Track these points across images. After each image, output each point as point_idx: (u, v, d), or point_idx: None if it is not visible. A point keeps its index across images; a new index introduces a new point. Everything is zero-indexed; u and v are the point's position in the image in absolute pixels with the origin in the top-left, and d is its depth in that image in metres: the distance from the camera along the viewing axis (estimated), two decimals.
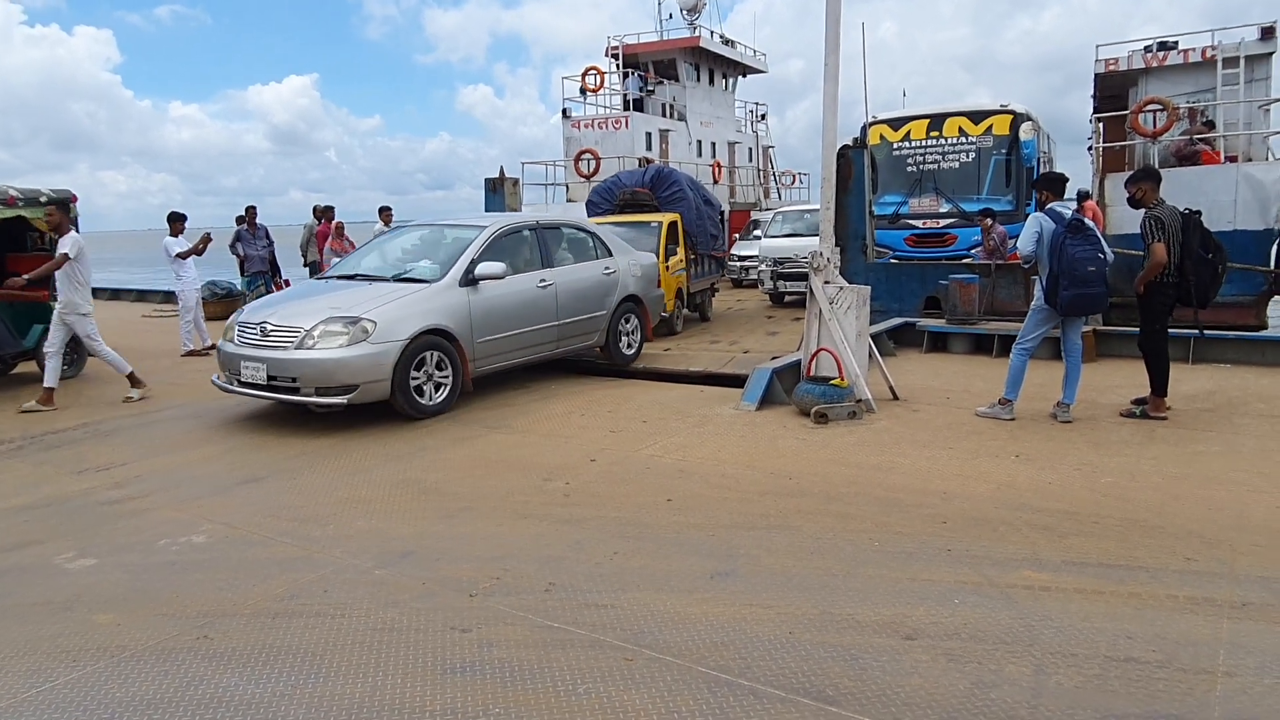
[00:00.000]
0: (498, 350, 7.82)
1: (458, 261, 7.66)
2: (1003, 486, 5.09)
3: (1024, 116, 13.54)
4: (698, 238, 14.30)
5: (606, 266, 9.10)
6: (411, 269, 8.04)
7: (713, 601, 3.65)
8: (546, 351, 8.40)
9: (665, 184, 14.50)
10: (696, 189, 14.92)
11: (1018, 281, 10.57)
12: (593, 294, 8.84)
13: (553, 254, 8.62)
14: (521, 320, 8.00)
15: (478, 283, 7.59)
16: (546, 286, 8.26)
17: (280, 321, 7.05)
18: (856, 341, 7.13)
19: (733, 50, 28.41)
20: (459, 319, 7.40)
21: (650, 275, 9.81)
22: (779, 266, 16.62)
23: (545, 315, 8.23)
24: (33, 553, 4.48)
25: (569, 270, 8.65)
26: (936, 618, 3.46)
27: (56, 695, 3.05)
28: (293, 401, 6.90)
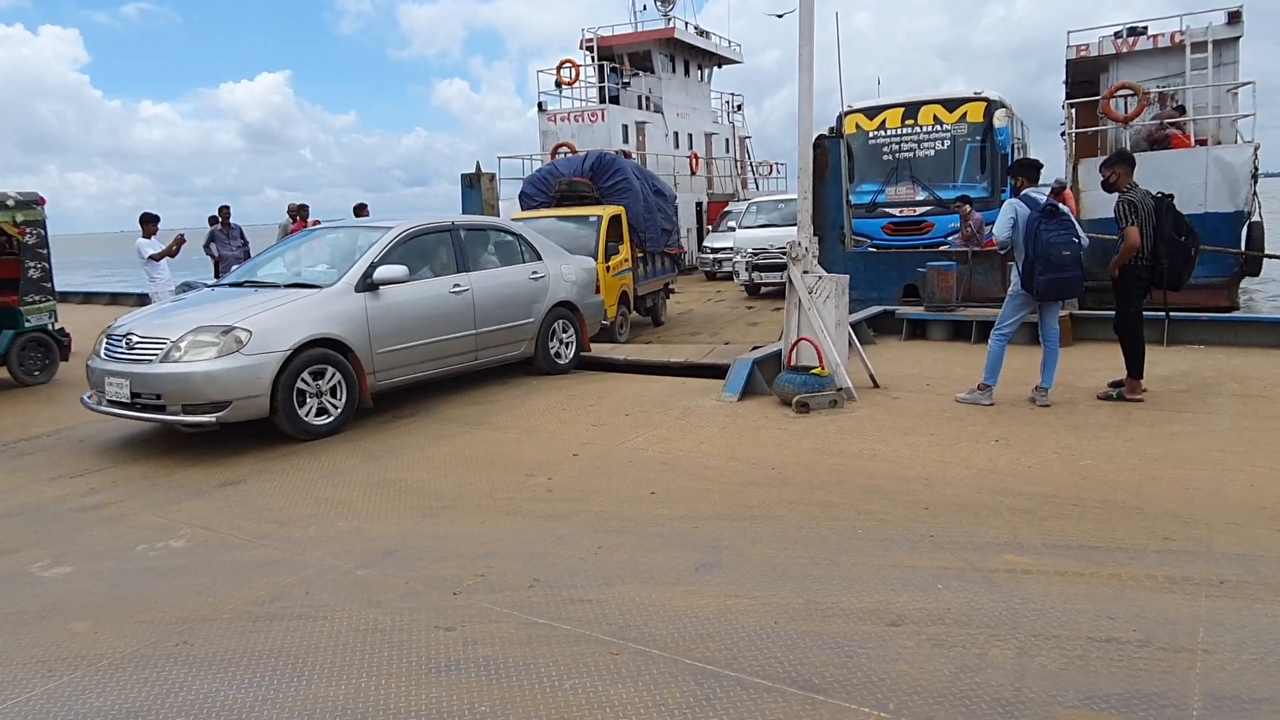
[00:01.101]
0: (403, 362, 7.13)
1: (355, 265, 6.98)
2: (983, 471, 5.12)
3: (998, 104, 13.62)
4: (646, 233, 13.13)
5: (534, 271, 8.42)
6: (305, 274, 7.40)
7: (698, 593, 3.65)
8: (464, 363, 7.76)
9: (608, 172, 13.18)
10: (645, 178, 13.83)
11: (995, 268, 10.65)
12: (517, 301, 8.18)
13: (471, 258, 7.96)
14: (431, 329, 7.32)
15: (378, 288, 6.91)
16: (461, 292, 7.59)
17: (145, 332, 6.37)
18: (836, 330, 7.15)
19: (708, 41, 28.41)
20: (354, 328, 6.71)
21: (586, 280, 9.12)
22: (755, 258, 16.39)
23: (460, 324, 7.58)
24: (6, 561, 4.41)
25: (489, 275, 7.99)
26: (920, 603, 3.48)
27: (32, 706, 3.00)
28: (158, 421, 6.24)
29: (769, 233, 16.53)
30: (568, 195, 13.04)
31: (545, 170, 13.75)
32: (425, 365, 7.38)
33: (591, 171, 13.19)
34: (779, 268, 16.14)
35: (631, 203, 12.85)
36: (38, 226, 9.24)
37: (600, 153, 13.73)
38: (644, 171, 14.19)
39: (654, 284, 13.86)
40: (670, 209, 14.31)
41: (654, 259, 13.65)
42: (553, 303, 8.52)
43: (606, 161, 13.35)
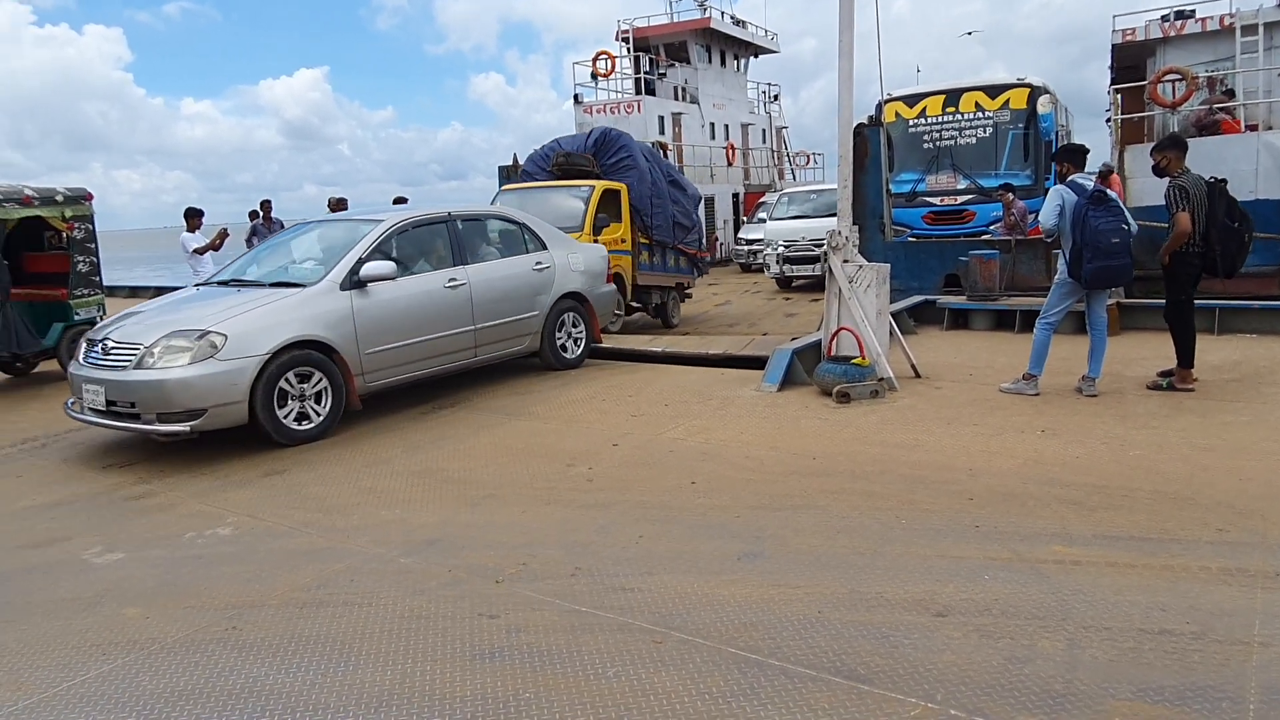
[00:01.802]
0: (394, 362, 6.80)
1: (340, 262, 6.64)
2: (1029, 461, 5.03)
3: (1041, 90, 13.37)
4: (653, 220, 12.29)
5: (538, 261, 8.04)
6: (293, 272, 7.10)
7: (740, 583, 3.63)
8: (462, 360, 7.41)
9: (611, 149, 12.35)
10: (658, 163, 13.02)
11: (1038, 256, 10.45)
12: (520, 293, 7.83)
13: (469, 249, 7.59)
14: (425, 326, 6.97)
15: (365, 285, 6.58)
16: (458, 287, 7.22)
17: (120, 338, 6.15)
18: (877, 320, 7.07)
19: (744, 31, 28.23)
20: (340, 328, 6.39)
21: (596, 269, 8.76)
22: (786, 250, 16.04)
23: (457, 319, 7.21)
24: (61, 549, 4.51)
25: (489, 268, 7.63)
26: (967, 594, 3.43)
27: (88, 688, 3.07)
28: (133, 430, 6.02)
29: (801, 224, 16.21)
30: (565, 170, 12.35)
31: (548, 147, 12.91)
32: (419, 364, 7.05)
33: (595, 148, 12.46)
34: (811, 260, 15.64)
35: (635, 181, 12.04)
36: (86, 221, 9.43)
37: (605, 129, 12.86)
38: (657, 157, 13.37)
39: (661, 278, 12.92)
40: (690, 205, 13.62)
41: (664, 252, 12.77)
42: (559, 294, 8.17)
43: (611, 138, 12.53)
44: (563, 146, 12.71)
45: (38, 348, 9.08)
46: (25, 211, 8.86)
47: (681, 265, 13.44)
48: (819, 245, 15.34)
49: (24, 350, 8.97)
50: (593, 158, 12.20)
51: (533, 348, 8.11)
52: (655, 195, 12.33)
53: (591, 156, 12.22)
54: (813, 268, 15.79)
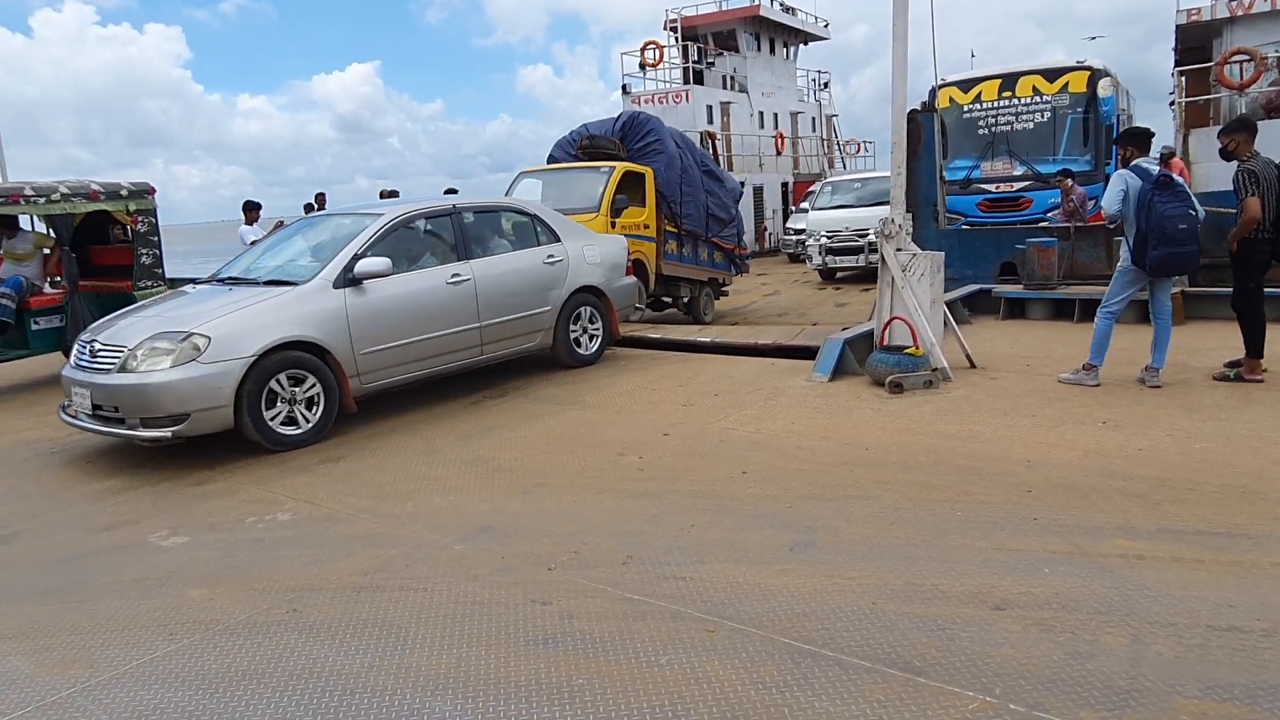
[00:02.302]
0: (392, 362, 6.53)
1: (335, 259, 6.38)
2: (1090, 454, 4.91)
3: (1102, 73, 12.99)
4: (683, 208, 11.84)
5: (550, 255, 7.70)
6: (289, 269, 6.79)
7: (793, 573, 3.61)
8: (468, 358, 7.11)
9: (639, 133, 11.89)
10: (691, 151, 12.52)
11: (1098, 244, 10.18)
12: (530, 288, 7.49)
13: (476, 243, 7.29)
14: (426, 325, 6.68)
15: (361, 282, 6.31)
16: (461, 282, 6.91)
17: (107, 339, 5.98)
18: (931, 309, 6.95)
19: (794, 18, 27.92)
20: (332, 327, 6.13)
21: (614, 261, 8.36)
22: (829, 240, 15.65)
23: (461, 317, 6.91)
24: (128, 532, 4.66)
25: (496, 262, 7.31)
26: (1026, 587, 3.36)
27: (156, 666, 3.16)
28: (118, 436, 5.83)
29: (845, 214, 15.78)
30: (591, 154, 11.93)
31: (575, 131, 12.53)
32: (420, 364, 6.77)
33: (622, 132, 12.02)
34: (854, 251, 15.43)
35: (663, 166, 11.60)
36: (149, 215, 9.67)
37: (634, 112, 12.38)
38: (694, 147, 12.77)
39: (691, 270, 12.39)
40: (727, 197, 13.08)
41: (696, 244, 12.32)
42: (574, 288, 7.82)
43: (640, 121, 12.04)
44: (590, 130, 12.32)
45: None
46: (92, 206, 9.12)
47: (717, 260, 12.95)
48: (863, 235, 15.06)
49: None
50: (620, 142, 11.83)
51: (545, 344, 7.80)
52: (686, 183, 11.89)
53: (619, 141, 11.85)
54: (856, 259, 15.52)
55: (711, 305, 13.26)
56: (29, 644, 3.41)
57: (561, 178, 11.74)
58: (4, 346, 8.69)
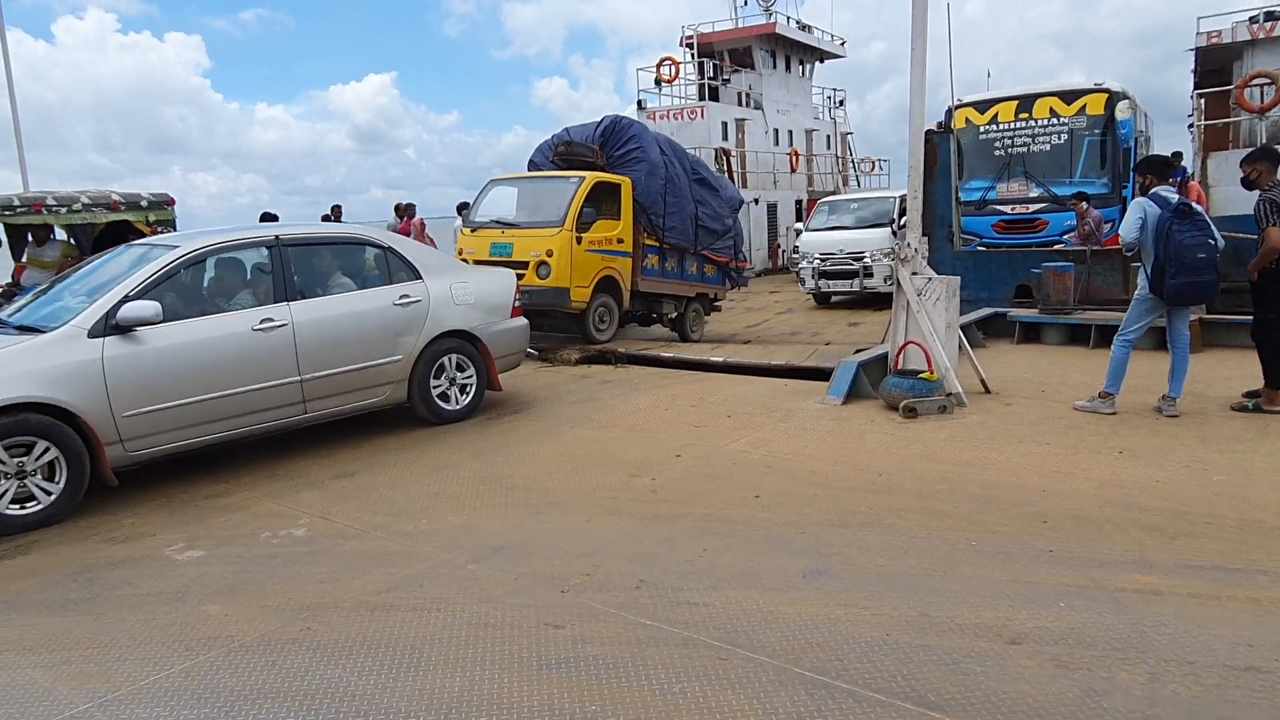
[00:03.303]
0: (172, 424, 5.50)
1: (96, 302, 5.40)
2: (1106, 484, 4.89)
3: (1120, 95, 12.97)
4: (666, 220, 11.04)
5: (403, 295, 6.61)
6: (56, 311, 5.68)
7: (806, 600, 3.60)
8: (286, 418, 6.05)
9: (620, 140, 11.08)
10: (679, 159, 11.67)
11: (1115, 268, 10.15)
12: (372, 334, 6.41)
13: (302, 281, 6.23)
14: (221, 379, 5.64)
15: (131, 330, 5.33)
16: (274, 329, 5.86)
17: None
18: (946, 334, 6.94)
19: (810, 36, 28.01)
20: (83, 385, 5.11)
21: (494, 301, 7.20)
22: (823, 263, 14.84)
23: (273, 369, 5.87)
24: (145, 544, 4.68)
25: (327, 304, 6.23)
26: (1041, 621, 3.34)
27: (173, 683, 3.18)
28: None
29: (840, 236, 15.03)
30: (568, 161, 11.19)
31: (556, 137, 11.72)
32: (214, 426, 5.72)
33: (602, 138, 11.19)
34: (849, 275, 14.74)
35: (644, 176, 10.79)
36: (168, 225, 9.78)
37: (615, 117, 11.49)
38: (683, 154, 11.93)
39: (676, 286, 11.61)
40: (722, 207, 12.33)
41: (681, 257, 11.58)
42: (436, 333, 6.74)
43: (621, 127, 11.18)
44: (570, 135, 11.52)
45: None
46: (113, 216, 9.24)
47: (708, 274, 12.25)
48: (858, 259, 14.71)
49: None
50: (599, 148, 11.07)
51: (397, 398, 6.71)
52: (671, 193, 11.16)
53: (598, 147, 11.08)
54: (850, 283, 14.78)
55: (701, 322, 12.57)
56: (47, 656, 3.44)
57: (531, 188, 11.21)
58: None
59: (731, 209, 12.74)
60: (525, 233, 10.23)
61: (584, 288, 10.06)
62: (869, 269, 14.55)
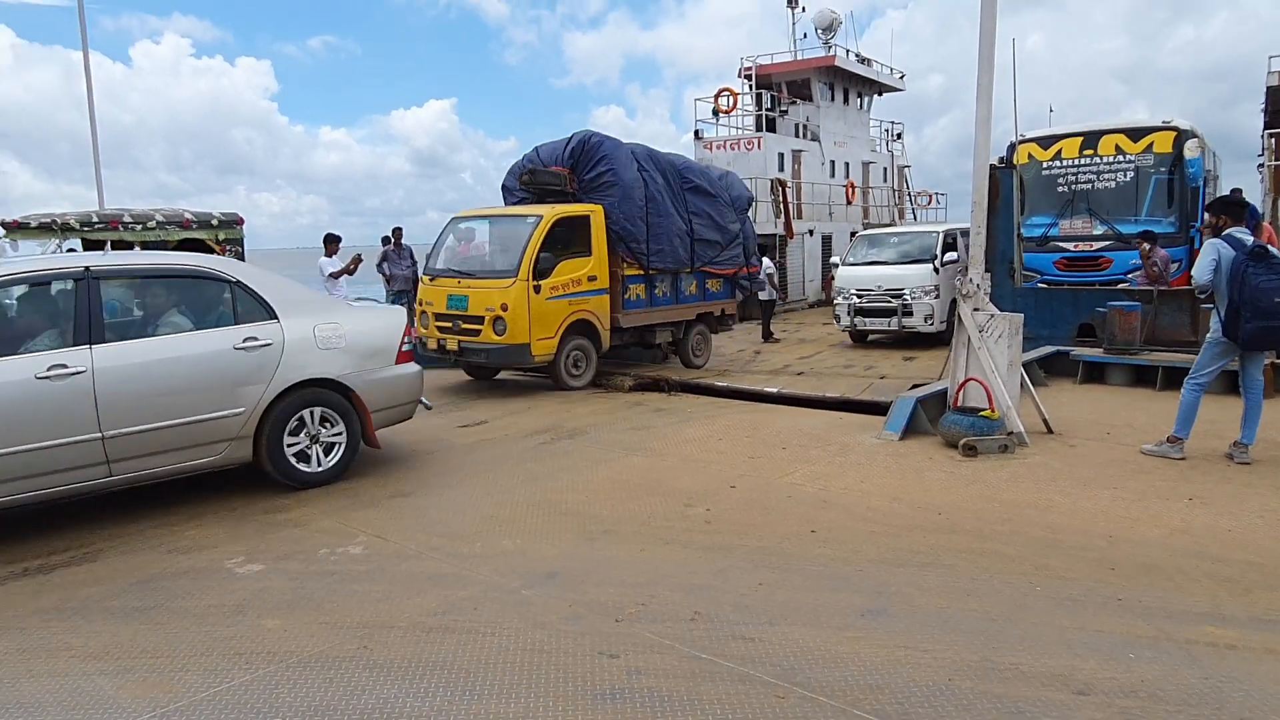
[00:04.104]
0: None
1: None
2: (1176, 532, 4.73)
3: (1189, 133, 12.69)
4: (649, 244, 10.13)
5: (249, 337, 5.70)
6: None
7: (865, 640, 3.53)
8: (84, 481, 5.16)
9: (590, 162, 10.06)
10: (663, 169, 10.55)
11: (1183, 309, 9.88)
12: (205, 382, 5.51)
13: (117, 321, 5.52)
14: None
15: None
16: (67, 377, 5.01)
17: None
18: (1008, 371, 6.81)
19: (869, 69, 27.95)
20: None
21: (372, 344, 6.22)
22: (859, 300, 14.03)
23: (65, 424, 5.01)
24: (207, 556, 4.78)
25: (142, 348, 5.36)
26: (1110, 672, 3.23)
27: (233, 696, 3.23)
28: None
29: (878, 271, 14.15)
30: (533, 188, 10.33)
31: (527, 157, 10.79)
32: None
33: (571, 160, 10.20)
34: (886, 313, 13.81)
35: (618, 201, 9.83)
36: (236, 244, 10.08)
37: (586, 135, 10.30)
38: (666, 163, 10.69)
39: (669, 313, 10.83)
40: (724, 213, 11.36)
41: (675, 280, 10.77)
42: (292, 381, 5.82)
43: (590, 146, 10.08)
44: (540, 155, 10.57)
45: None
46: (185, 234, 9.55)
47: (711, 290, 11.35)
48: (896, 296, 13.80)
49: None
50: (569, 171, 10.15)
51: (239, 457, 5.77)
52: (654, 213, 10.17)
53: (567, 170, 10.15)
54: (888, 321, 13.94)
55: (706, 345, 11.65)
56: (112, 664, 3.52)
57: (486, 230, 10.42)
58: None
59: (738, 210, 11.88)
60: (479, 284, 9.53)
61: (548, 339, 9.40)
62: (908, 307, 13.71)
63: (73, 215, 8.94)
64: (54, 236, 8.97)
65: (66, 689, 3.31)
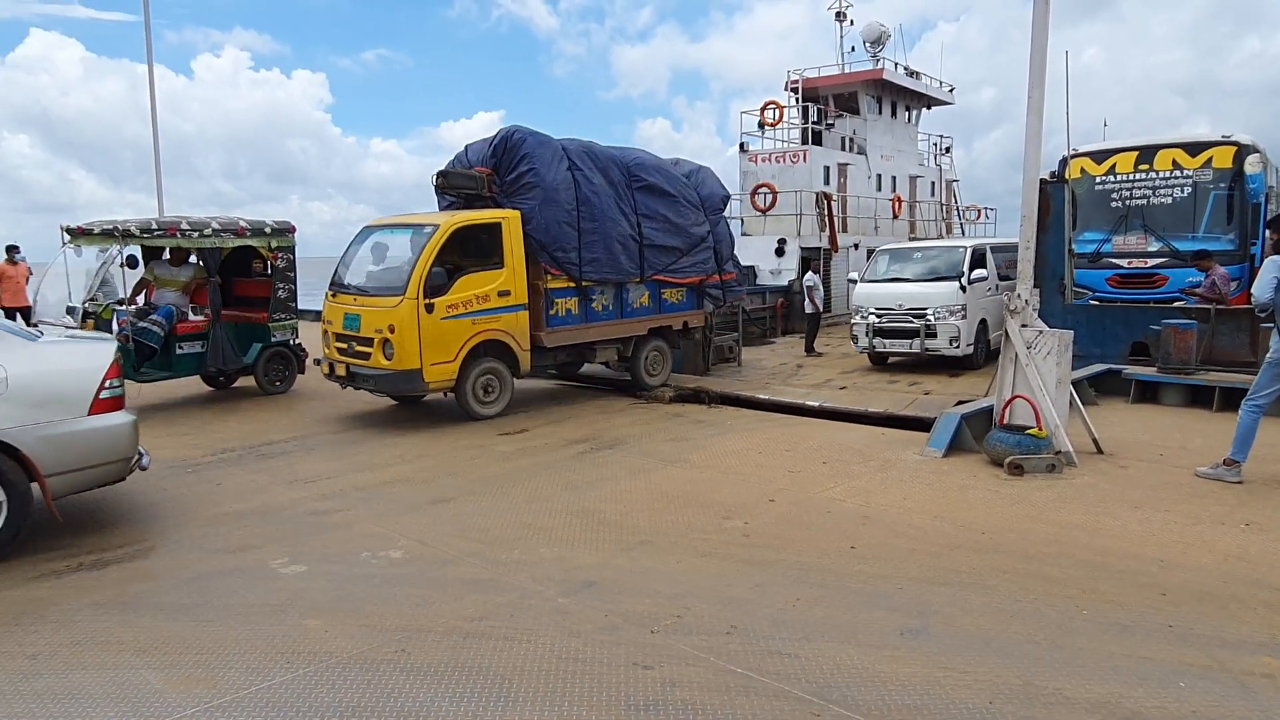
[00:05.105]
0: None
1: None
2: (1231, 558, 4.58)
3: (1250, 148, 12.36)
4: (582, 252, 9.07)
5: None
6: None
7: (903, 660, 3.48)
8: None
9: (512, 161, 8.95)
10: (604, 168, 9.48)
11: (1242, 328, 9.59)
12: None
13: None
14: None
15: None
16: None
17: None
18: (1056, 389, 6.68)
19: (917, 82, 27.69)
20: None
21: (48, 393, 4.92)
22: (879, 320, 12.98)
23: None
24: (253, 556, 4.87)
25: None
26: (1159, 701, 3.14)
27: (274, 694, 3.28)
28: None
29: (899, 289, 13.08)
30: (447, 194, 9.30)
31: (456, 157, 9.83)
32: None
33: (494, 159, 9.09)
34: (908, 334, 12.75)
35: (538, 205, 8.75)
36: (288, 252, 10.26)
37: (508, 132, 9.09)
38: (608, 161, 9.59)
39: (610, 329, 9.69)
40: (686, 215, 10.21)
41: (619, 292, 9.63)
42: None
43: (512, 144, 8.95)
44: (468, 155, 9.54)
45: (239, 365, 9.92)
46: (239, 241, 9.75)
47: (669, 301, 10.19)
48: (919, 316, 12.69)
49: (227, 366, 9.82)
50: (491, 172, 9.04)
51: None
52: (589, 218, 9.10)
53: (489, 172, 9.04)
54: (909, 343, 12.83)
55: (664, 363, 10.42)
56: (159, 659, 3.60)
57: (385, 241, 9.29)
58: (151, 369, 9.30)
59: (709, 211, 10.71)
60: (370, 302, 8.50)
61: (446, 363, 8.28)
62: (931, 328, 12.51)
63: (133, 222, 9.18)
64: (115, 243, 9.23)
65: (115, 681, 3.40)
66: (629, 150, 10.16)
